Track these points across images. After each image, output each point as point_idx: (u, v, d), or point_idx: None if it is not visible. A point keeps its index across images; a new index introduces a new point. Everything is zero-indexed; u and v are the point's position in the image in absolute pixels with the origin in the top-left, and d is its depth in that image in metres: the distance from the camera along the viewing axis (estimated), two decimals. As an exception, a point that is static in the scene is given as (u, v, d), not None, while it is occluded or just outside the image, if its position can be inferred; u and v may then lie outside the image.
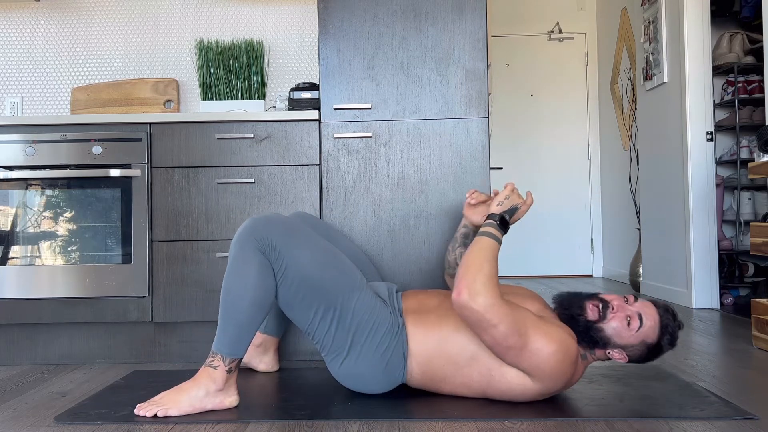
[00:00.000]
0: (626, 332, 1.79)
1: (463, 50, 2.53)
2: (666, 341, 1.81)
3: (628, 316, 1.79)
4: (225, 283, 1.87)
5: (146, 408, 1.81)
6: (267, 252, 1.86)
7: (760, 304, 2.65)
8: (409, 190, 2.52)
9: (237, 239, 1.88)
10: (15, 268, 2.56)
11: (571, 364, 1.77)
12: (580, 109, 5.80)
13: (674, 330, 1.81)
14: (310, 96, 2.69)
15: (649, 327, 1.80)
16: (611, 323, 1.79)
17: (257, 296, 1.84)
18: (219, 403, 1.84)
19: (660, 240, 4.26)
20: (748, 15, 4.07)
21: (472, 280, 1.72)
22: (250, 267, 1.84)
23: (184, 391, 1.83)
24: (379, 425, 1.73)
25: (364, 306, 1.90)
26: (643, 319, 1.80)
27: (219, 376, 1.83)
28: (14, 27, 3.19)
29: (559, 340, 1.74)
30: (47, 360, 2.60)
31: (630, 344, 1.80)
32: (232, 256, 1.87)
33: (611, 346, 1.81)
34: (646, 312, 1.81)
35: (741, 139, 3.97)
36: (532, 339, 1.72)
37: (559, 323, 1.82)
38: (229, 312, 1.84)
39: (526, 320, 1.74)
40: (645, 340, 1.80)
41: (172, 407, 1.80)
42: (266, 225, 1.88)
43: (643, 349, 1.82)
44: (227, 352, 1.83)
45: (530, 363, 1.75)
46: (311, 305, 1.89)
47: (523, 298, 1.94)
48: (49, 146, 2.57)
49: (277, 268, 1.87)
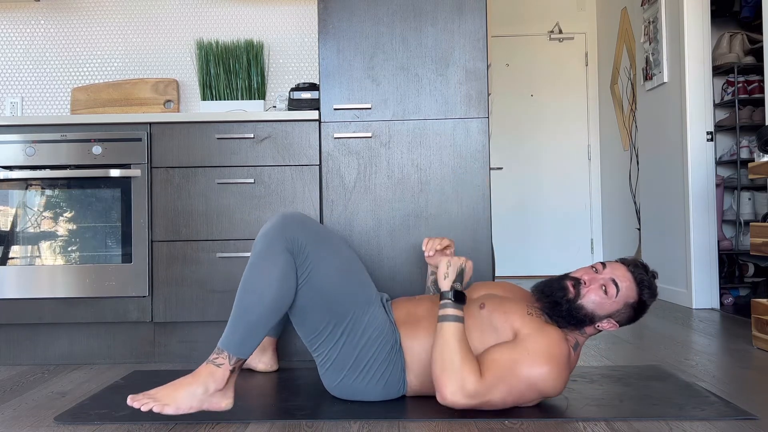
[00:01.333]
0: (606, 301, 1.77)
1: (463, 50, 2.53)
2: (647, 295, 1.80)
3: (602, 285, 1.78)
4: (245, 279, 1.78)
5: (141, 401, 1.67)
6: (295, 253, 1.80)
7: (760, 304, 2.65)
8: (409, 190, 2.52)
9: (265, 234, 1.80)
10: (15, 268, 2.56)
11: (566, 368, 1.75)
12: (580, 109, 5.80)
13: (650, 282, 1.80)
14: (310, 96, 2.69)
15: (626, 288, 1.78)
16: (589, 297, 1.78)
17: (277, 298, 1.76)
18: (215, 404, 1.73)
19: (660, 240, 4.26)
20: (748, 15, 4.06)
21: (447, 382, 1.70)
22: (275, 266, 1.77)
23: (182, 386, 1.71)
24: (379, 425, 1.73)
25: (374, 323, 1.88)
26: (617, 282, 1.78)
27: (222, 375, 1.73)
28: (14, 27, 3.19)
29: (546, 355, 1.71)
30: (47, 360, 2.60)
31: (614, 311, 1.79)
32: (258, 251, 1.79)
33: (597, 319, 1.79)
34: (618, 275, 1.79)
35: (741, 139, 3.97)
36: (524, 375, 1.70)
37: (541, 326, 1.78)
38: (245, 309, 1.75)
39: (508, 366, 1.71)
40: (627, 301, 1.79)
41: (169, 404, 1.68)
42: (297, 225, 1.82)
43: (628, 311, 1.80)
44: (234, 351, 1.75)
45: (534, 393, 1.75)
46: (324, 316, 1.85)
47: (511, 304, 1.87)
48: (49, 146, 2.57)
49: (302, 272, 1.81)
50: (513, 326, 1.79)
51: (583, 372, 2.26)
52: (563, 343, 1.76)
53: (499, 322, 1.81)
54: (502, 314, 1.82)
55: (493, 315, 1.83)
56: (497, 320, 1.81)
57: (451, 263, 1.84)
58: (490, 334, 1.81)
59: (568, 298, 1.78)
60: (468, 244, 2.49)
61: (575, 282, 1.80)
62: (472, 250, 2.49)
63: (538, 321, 1.80)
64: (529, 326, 1.77)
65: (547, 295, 1.82)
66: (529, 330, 1.76)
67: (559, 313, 1.79)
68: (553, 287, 1.82)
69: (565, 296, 1.79)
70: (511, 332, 1.79)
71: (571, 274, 1.84)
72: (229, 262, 2.53)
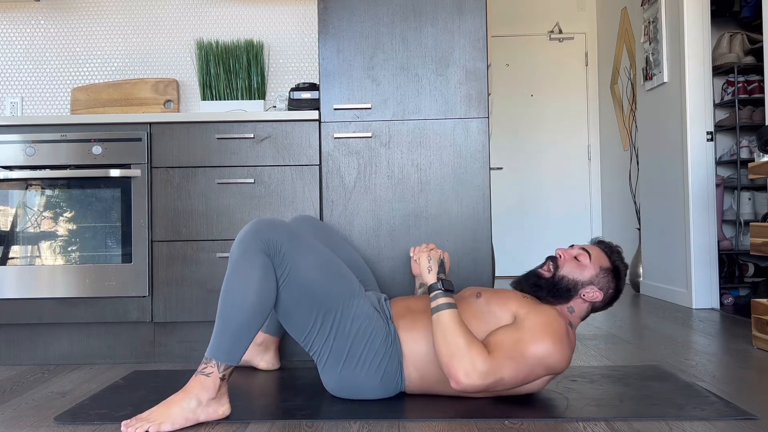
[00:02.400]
0: (583, 267, 1.91)
1: (463, 50, 2.53)
2: (617, 259, 1.94)
3: (574, 256, 1.93)
4: (225, 286, 1.80)
5: (135, 425, 1.66)
6: (272, 255, 1.82)
7: (760, 304, 2.65)
8: (409, 190, 2.52)
9: (241, 240, 1.82)
10: (15, 268, 2.56)
11: (567, 342, 1.81)
12: (580, 109, 5.80)
13: (615, 249, 1.95)
14: (310, 96, 2.69)
15: (596, 255, 1.93)
16: (566, 267, 1.91)
17: (259, 300, 1.78)
18: (212, 413, 1.75)
19: (660, 240, 4.26)
20: (748, 15, 4.07)
21: (458, 366, 1.73)
22: (254, 270, 1.78)
23: (174, 403, 1.72)
24: (378, 425, 1.73)
25: (362, 314, 1.90)
26: (588, 250, 1.93)
27: (212, 384, 1.74)
28: (14, 27, 3.19)
29: (547, 329, 1.78)
30: (47, 360, 2.60)
31: (592, 275, 1.90)
32: (235, 258, 1.81)
33: (580, 286, 1.90)
34: (585, 247, 1.96)
35: (741, 139, 3.97)
36: (530, 352, 1.76)
37: (536, 305, 1.87)
38: (227, 316, 1.77)
39: (513, 345, 1.76)
40: (601, 265, 1.92)
41: (164, 422, 1.68)
42: (271, 227, 1.85)
43: (606, 276, 1.91)
44: (223, 358, 1.75)
45: (542, 368, 1.79)
46: (311, 312, 1.87)
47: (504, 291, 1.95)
48: (49, 146, 2.57)
49: (281, 273, 1.83)
50: (511, 309, 1.88)
51: (583, 372, 2.26)
52: (560, 317, 1.85)
53: (497, 307, 1.89)
54: (498, 299, 1.91)
55: (490, 302, 1.91)
56: (495, 306, 1.90)
57: (431, 256, 1.93)
58: (490, 319, 1.88)
59: (547, 276, 1.92)
60: (468, 244, 2.49)
61: (552, 259, 1.95)
62: (472, 250, 2.49)
63: (533, 300, 1.91)
64: (526, 306, 1.87)
65: (525, 281, 1.96)
66: (527, 309, 1.85)
67: (545, 291, 1.91)
68: (528, 276, 1.97)
69: (541, 277, 1.92)
70: (510, 315, 1.87)
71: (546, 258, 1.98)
72: (229, 262, 2.53)
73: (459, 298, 2.00)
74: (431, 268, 1.90)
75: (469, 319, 1.87)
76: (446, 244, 2.49)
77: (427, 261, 1.92)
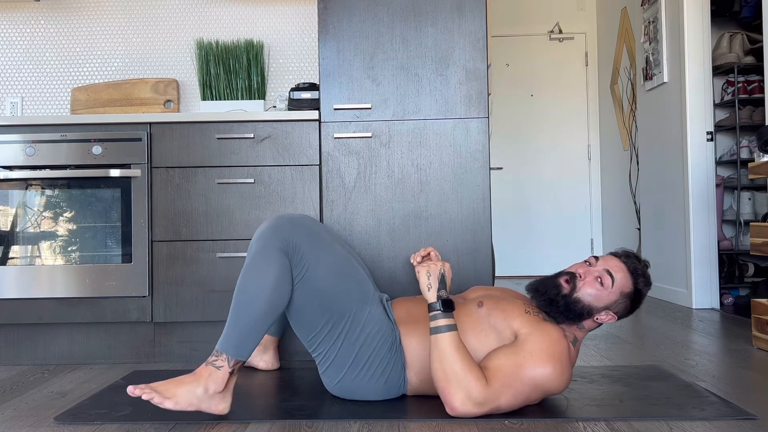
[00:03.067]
0: (603, 293, 1.78)
1: (463, 50, 2.53)
2: (641, 284, 1.81)
3: (598, 277, 1.79)
4: (241, 281, 1.80)
5: (143, 389, 1.68)
6: (290, 254, 1.81)
7: (760, 304, 2.65)
8: (409, 190, 2.52)
9: (260, 236, 1.82)
10: (15, 268, 2.56)
11: (568, 364, 1.76)
12: (580, 109, 5.80)
13: (644, 270, 1.81)
14: (310, 96, 2.69)
15: (621, 278, 1.79)
16: (585, 290, 1.78)
17: (274, 298, 1.78)
18: (213, 407, 1.74)
19: (660, 240, 4.26)
20: (748, 15, 4.07)
21: (454, 393, 1.70)
22: (271, 267, 1.78)
23: (184, 384, 1.72)
24: (378, 425, 1.73)
25: (373, 320, 1.88)
26: (612, 273, 1.79)
27: (221, 377, 1.74)
28: (14, 27, 3.19)
29: (548, 354, 1.72)
30: (47, 360, 2.60)
31: (611, 302, 1.79)
32: (253, 254, 1.81)
33: (595, 312, 1.80)
34: (611, 266, 1.81)
35: (741, 139, 3.97)
36: (529, 378, 1.71)
37: (539, 324, 1.79)
38: (241, 311, 1.77)
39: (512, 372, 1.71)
40: (622, 290, 1.79)
41: (170, 398, 1.68)
42: (292, 226, 1.84)
43: (625, 301, 1.81)
44: (233, 352, 1.76)
45: (539, 393, 1.76)
46: (322, 315, 1.86)
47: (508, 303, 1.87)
48: (49, 146, 2.57)
49: (297, 272, 1.82)
50: (512, 326, 1.80)
51: (583, 372, 2.26)
52: (562, 339, 1.77)
53: (498, 321, 1.82)
54: (500, 313, 1.83)
55: (491, 314, 1.84)
56: (496, 320, 1.82)
57: (431, 272, 1.84)
58: (490, 333, 1.81)
59: (564, 293, 1.79)
60: (468, 244, 2.49)
61: (571, 276, 1.82)
62: (472, 250, 2.49)
63: (536, 319, 1.81)
64: (528, 325, 1.78)
65: (542, 293, 1.83)
66: (529, 329, 1.77)
67: (557, 309, 1.80)
68: (547, 285, 1.83)
69: (560, 293, 1.79)
70: (511, 333, 1.79)
71: (565, 270, 1.85)
72: (229, 262, 2.53)
73: (461, 299, 1.98)
74: (431, 286, 1.82)
75: (467, 330, 1.83)
76: (446, 244, 2.49)
77: (427, 278, 1.83)
